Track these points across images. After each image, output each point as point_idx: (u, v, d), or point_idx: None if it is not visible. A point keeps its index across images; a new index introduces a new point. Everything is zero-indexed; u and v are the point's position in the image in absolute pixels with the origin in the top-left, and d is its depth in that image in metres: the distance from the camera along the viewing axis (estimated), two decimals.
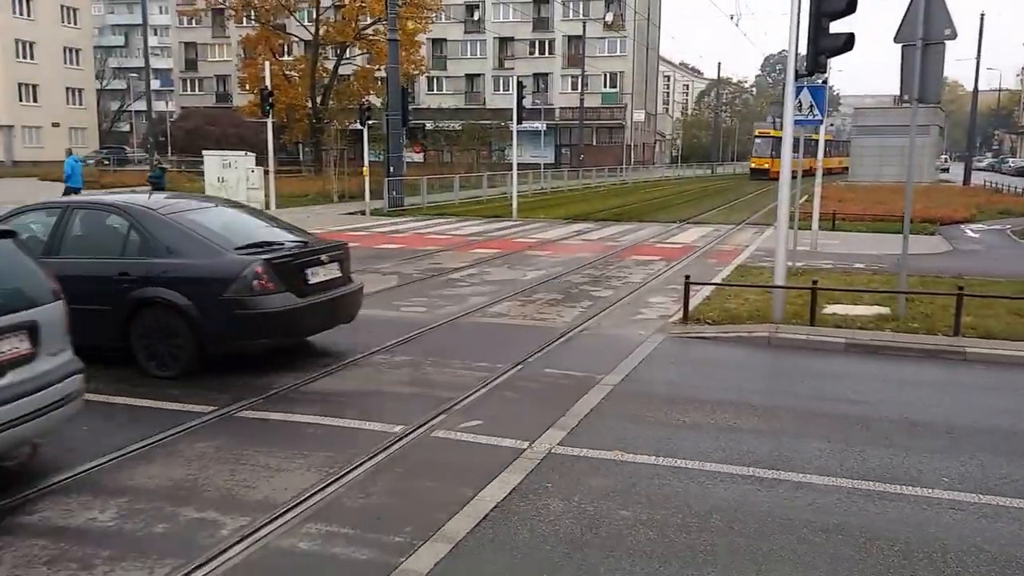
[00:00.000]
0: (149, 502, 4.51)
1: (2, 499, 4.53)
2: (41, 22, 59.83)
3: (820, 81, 13.57)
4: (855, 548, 4.05)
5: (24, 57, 59.12)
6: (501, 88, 65.66)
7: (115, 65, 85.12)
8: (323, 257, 7.57)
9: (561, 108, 66.85)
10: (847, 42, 8.86)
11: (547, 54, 68.43)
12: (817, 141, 17.37)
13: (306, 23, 48.55)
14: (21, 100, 59.26)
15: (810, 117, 13.18)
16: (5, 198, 25.21)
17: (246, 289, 6.76)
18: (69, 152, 23.85)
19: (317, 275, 7.39)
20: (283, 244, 7.49)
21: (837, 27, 8.90)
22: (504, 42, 68.81)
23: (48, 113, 60.33)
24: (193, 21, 65.66)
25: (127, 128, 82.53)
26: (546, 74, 68.53)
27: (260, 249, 7.16)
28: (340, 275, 7.80)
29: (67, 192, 21.15)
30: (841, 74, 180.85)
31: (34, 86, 59.87)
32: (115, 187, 32.92)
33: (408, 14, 42.87)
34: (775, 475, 4.98)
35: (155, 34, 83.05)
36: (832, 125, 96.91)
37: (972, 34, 41.78)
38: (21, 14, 58.92)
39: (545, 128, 60.07)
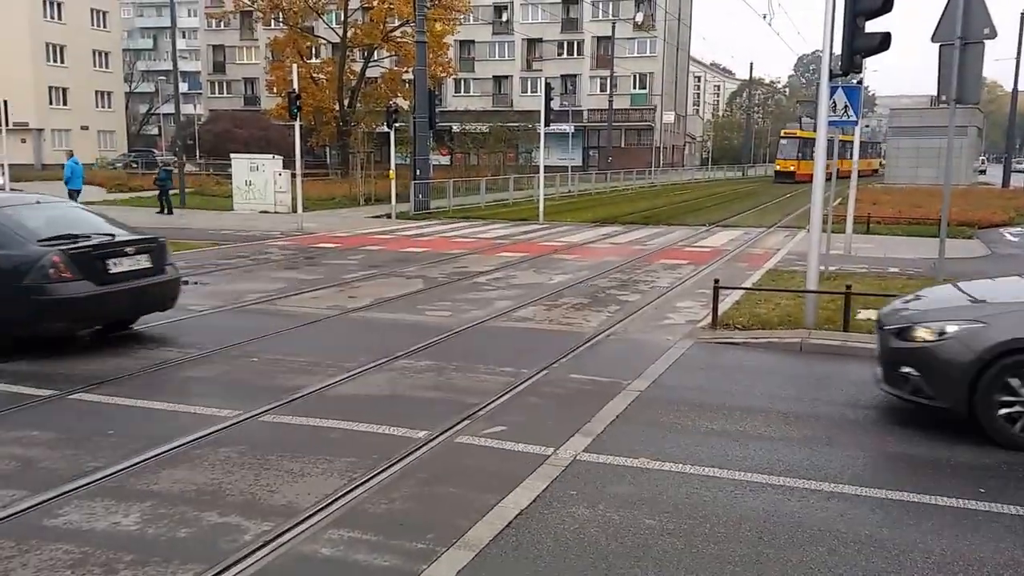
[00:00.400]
0: (173, 507, 4.50)
1: (27, 503, 4.55)
2: (71, 26, 60.62)
3: (855, 81, 13.38)
4: (888, 560, 3.94)
5: (54, 61, 59.96)
6: (529, 90, 65.64)
7: (143, 68, 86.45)
8: (128, 249, 8.29)
9: (589, 110, 66.65)
10: (883, 42, 8.69)
11: (575, 55, 68.28)
12: (849, 143, 17.11)
13: (334, 25, 48.89)
14: (51, 103, 60.10)
15: (844, 118, 13.00)
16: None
17: (43, 277, 7.51)
18: (70, 155, 24.30)
19: (120, 265, 8.12)
20: (88, 237, 8.16)
21: (873, 26, 8.75)
22: (532, 43, 68.78)
23: (77, 116, 61.10)
24: (221, 24, 66.30)
25: (155, 131, 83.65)
26: (574, 75, 68.37)
27: (62, 241, 7.83)
28: (150, 266, 8.48)
29: (69, 195, 21.49)
30: (876, 74, 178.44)
31: (64, 89, 60.68)
32: (141, 190, 33.37)
33: (436, 16, 42.99)
34: (806, 484, 4.86)
35: (183, 37, 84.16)
36: (868, 127, 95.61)
37: (1012, 32, 40.88)
38: (52, 18, 59.77)
39: (573, 130, 59.90)
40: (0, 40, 55.79)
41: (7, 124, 24.40)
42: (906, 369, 5.85)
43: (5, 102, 31.27)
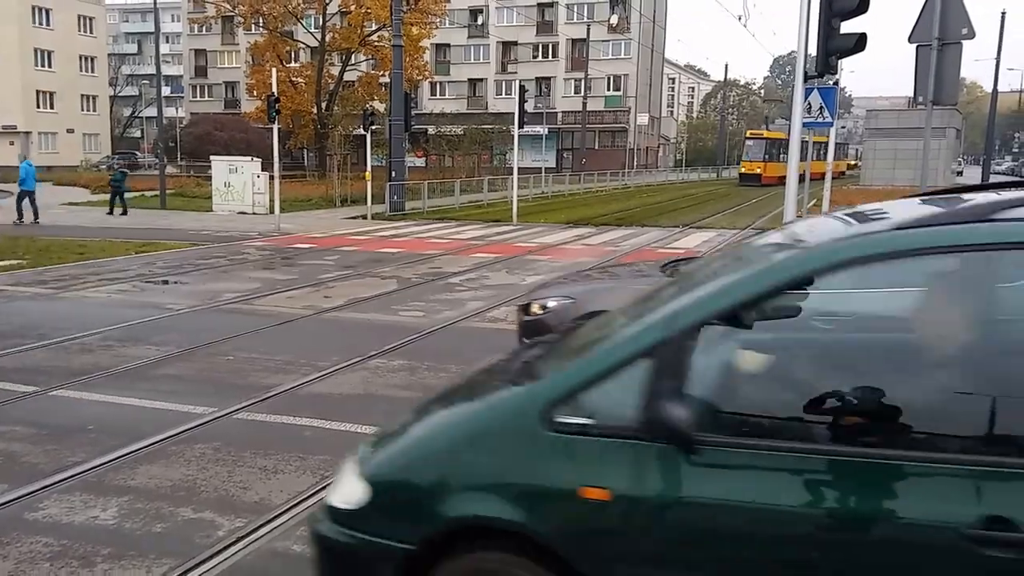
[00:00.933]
0: (149, 501, 4.66)
1: (9, 496, 4.69)
2: (59, 31, 60.75)
3: (831, 82, 13.48)
4: None
5: (42, 65, 60.08)
6: (503, 92, 65.87)
7: (128, 72, 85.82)
8: None
9: (564, 112, 67.00)
10: (858, 42, 8.59)
11: (550, 58, 68.61)
12: (817, 144, 17.44)
13: (312, 30, 48.87)
14: (38, 107, 60.26)
15: (820, 119, 13.15)
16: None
17: None
18: (23, 158, 24.67)
19: None
20: None
21: (848, 27, 8.64)
22: (507, 46, 69.03)
23: (64, 119, 61.28)
24: (203, 29, 66.04)
25: (139, 134, 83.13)
26: (549, 78, 68.71)
27: None
28: None
29: (22, 195, 22.33)
30: (852, 75, 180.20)
31: (51, 93, 60.82)
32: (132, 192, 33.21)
33: (413, 20, 43.12)
34: None
35: (167, 42, 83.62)
36: (843, 128, 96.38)
37: (992, 33, 41.52)
38: (41, 24, 59.82)
39: (547, 132, 60.19)
40: None
41: None
42: (526, 340, 5.98)
43: None
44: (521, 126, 25.11)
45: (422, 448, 2.83)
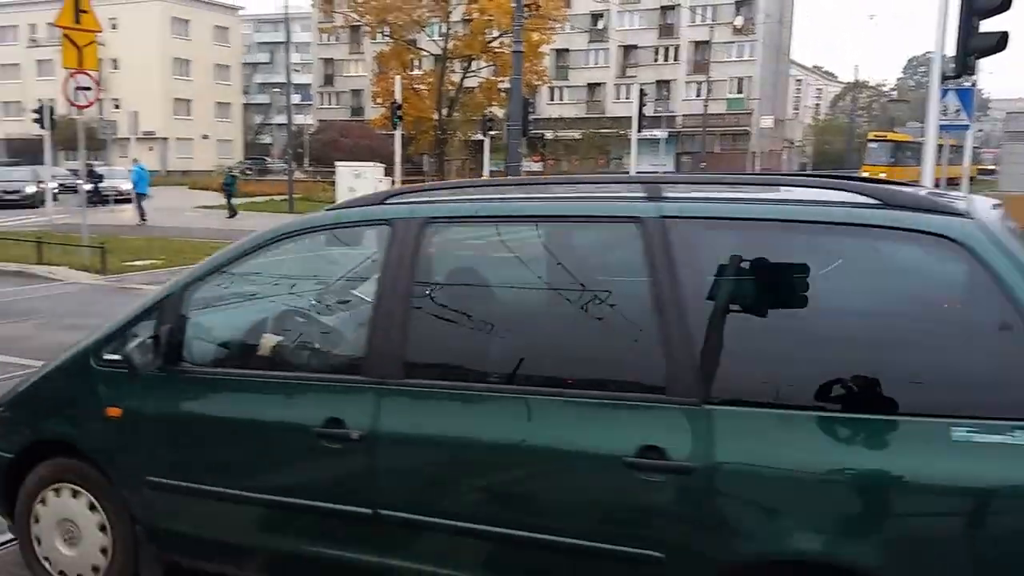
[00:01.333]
0: None
1: None
2: (196, 41, 64.97)
3: (968, 83, 12.88)
4: None
5: (180, 75, 64.30)
6: (622, 96, 65.60)
7: (260, 80, 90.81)
8: None
9: (684, 115, 66.08)
10: (1000, 42, 8.22)
11: (671, 61, 67.83)
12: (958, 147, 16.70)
13: (435, 38, 50.36)
14: (175, 114, 64.39)
15: (956, 122, 12.59)
16: (161, 203, 27.80)
17: None
18: (135, 162, 26.05)
19: None
20: None
21: (988, 25, 8.27)
22: (628, 50, 68.71)
23: (199, 126, 65.32)
24: (332, 38, 69.11)
25: (268, 140, 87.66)
26: (669, 81, 67.92)
27: None
28: None
29: (138, 197, 23.84)
30: (991, 76, 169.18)
31: (187, 101, 64.92)
32: (255, 195, 35.42)
33: (533, 26, 43.73)
34: None
35: (296, 51, 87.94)
36: (980, 131, 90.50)
37: None
38: (179, 35, 64.19)
39: (666, 136, 59.58)
40: (135, 56, 60.31)
41: (137, 133, 26.41)
42: None
43: (135, 114, 33.73)
44: (639, 130, 25.13)
45: (29, 386, 3.68)
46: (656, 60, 68.33)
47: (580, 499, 2.58)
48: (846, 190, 2.69)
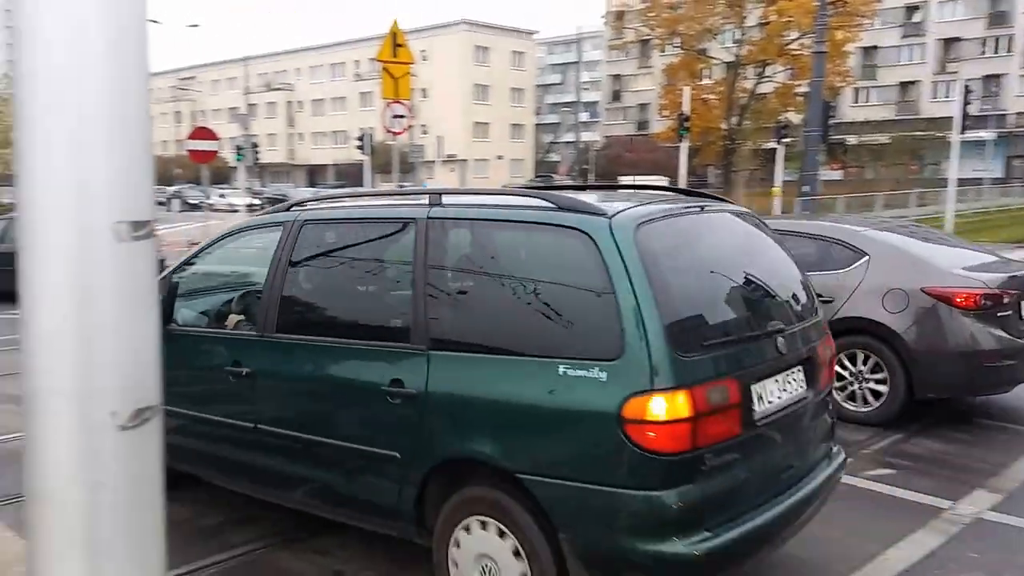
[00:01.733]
0: None
1: None
2: (494, 67, 69.50)
3: None
4: None
5: (480, 99, 69.29)
6: (940, 95, 58.77)
7: (551, 101, 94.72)
8: None
9: (1017, 114, 57.51)
10: None
11: (1003, 53, 59.48)
12: None
13: (728, 45, 48.74)
14: (475, 137, 69.46)
15: None
16: None
17: None
18: (423, 181, 27.43)
19: None
20: None
21: None
22: (949, 43, 61.50)
23: (494, 147, 69.99)
24: (622, 55, 69.98)
25: (557, 158, 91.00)
26: (999, 75, 59.57)
27: None
28: None
29: None
30: None
31: (486, 124, 69.76)
32: None
33: (838, 24, 40.53)
34: None
35: (587, 69, 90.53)
36: None
37: None
38: (480, 62, 69.15)
39: (995, 137, 52.10)
40: (441, 84, 65.90)
41: (441, 156, 28.56)
42: None
43: (440, 138, 36.36)
44: (962, 131, 22.08)
45: None
46: (983, 53, 60.43)
47: (358, 415, 3.62)
48: (541, 199, 3.43)
